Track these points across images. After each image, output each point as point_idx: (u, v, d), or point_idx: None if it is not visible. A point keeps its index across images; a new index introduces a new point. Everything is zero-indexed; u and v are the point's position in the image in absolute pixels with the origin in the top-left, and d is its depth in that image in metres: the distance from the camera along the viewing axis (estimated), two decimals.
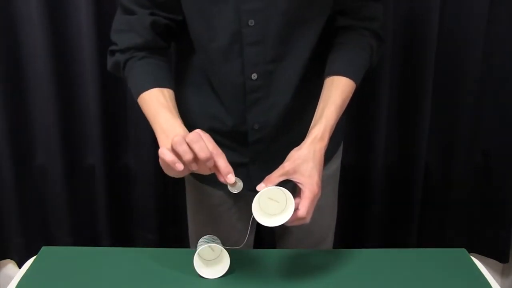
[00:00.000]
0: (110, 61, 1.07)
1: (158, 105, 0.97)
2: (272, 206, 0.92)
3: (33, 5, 1.50)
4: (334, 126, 0.99)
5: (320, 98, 1.02)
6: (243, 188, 0.94)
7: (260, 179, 0.96)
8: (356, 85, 1.04)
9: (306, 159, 0.94)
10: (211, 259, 1.01)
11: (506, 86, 1.63)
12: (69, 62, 1.59)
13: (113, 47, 1.06)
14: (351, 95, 1.03)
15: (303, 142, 0.96)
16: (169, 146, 0.87)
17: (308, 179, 0.92)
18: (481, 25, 1.56)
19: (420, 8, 1.55)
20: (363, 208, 1.76)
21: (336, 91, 1.01)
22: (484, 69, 1.61)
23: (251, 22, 0.97)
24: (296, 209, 0.90)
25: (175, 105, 0.99)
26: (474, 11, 1.55)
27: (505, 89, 1.64)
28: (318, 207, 1.25)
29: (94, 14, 1.52)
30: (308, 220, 0.92)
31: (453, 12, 1.56)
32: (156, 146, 1.00)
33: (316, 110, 1.01)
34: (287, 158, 0.95)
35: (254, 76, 1.01)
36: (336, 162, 1.26)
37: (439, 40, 1.57)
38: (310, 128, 0.99)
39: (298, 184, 0.93)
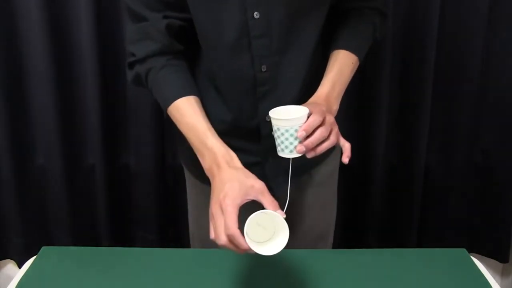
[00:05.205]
0: (130, 74, 1.07)
1: (190, 119, 1.00)
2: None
3: (32, 4, 1.50)
4: (339, 91, 1.04)
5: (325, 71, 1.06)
6: None
7: (274, 178, 0.95)
8: (359, 59, 1.08)
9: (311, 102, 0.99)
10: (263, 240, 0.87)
11: (506, 86, 1.63)
12: (69, 62, 1.59)
13: (130, 59, 1.05)
14: (354, 67, 1.07)
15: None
16: (205, 163, 0.97)
17: (315, 104, 0.95)
18: (481, 25, 1.56)
19: (420, 8, 1.55)
20: (363, 208, 1.76)
21: (340, 62, 1.06)
22: (484, 69, 1.61)
23: (257, 15, 0.97)
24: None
25: (204, 113, 1.01)
26: (474, 11, 1.54)
27: (505, 89, 1.64)
28: (321, 203, 1.25)
29: (95, 14, 1.51)
30: (327, 124, 0.92)
31: (453, 12, 1.56)
32: (157, 146, 1.01)
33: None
34: None
35: (263, 68, 1.02)
36: (334, 162, 1.26)
37: (439, 40, 1.57)
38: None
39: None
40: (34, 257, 1.09)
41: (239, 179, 0.89)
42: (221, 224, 0.84)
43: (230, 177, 0.90)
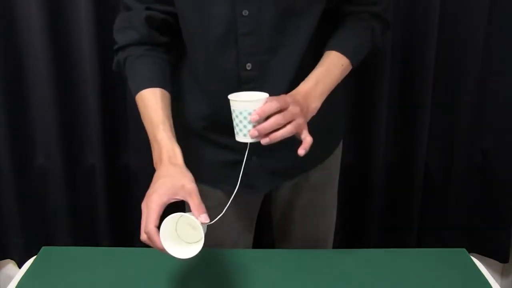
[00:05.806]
0: (114, 61, 1.10)
1: (149, 110, 1.00)
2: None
3: (32, 4, 1.50)
4: (322, 90, 1.00)
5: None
6: (241, 187, 0.94)
7: (257, 175, 0.95)
8: (351, 62, 1.05)
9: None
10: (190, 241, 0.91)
11: (506, 86, 1.63)
12: (69, 62, 1.59)
13: (115, 46, 1.09)
14: (344, 69, 1.04)
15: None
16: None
17: (283, 95, 0.93)
18: (481, 25, 1.56)
19: (420, 8, 1.55)
20: (363, 208, 1.76)
21: (329, 62, 1.03)
22: (484, 69, 1.61)
23: (245, 12, 0.97)
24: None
25: (166, 106, 1.01)
26: (474, 11, 1.54)
27: (505, 89, 1.64)
28: (319, 208, 1.25)
29: (94, 15, 1.51)
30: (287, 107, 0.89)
31: (453, 11, 1.56)
32: None
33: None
34: None
35: (248, 66, 1.01)
36: (332, 167, 1.25)
37: (439, 39, 1.57)
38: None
39: None
40: (34, 257, 1.09)
41: (173, 176, 0.90)
42: (143, 221, 0.87)
43: (165, 174, 0.91)
